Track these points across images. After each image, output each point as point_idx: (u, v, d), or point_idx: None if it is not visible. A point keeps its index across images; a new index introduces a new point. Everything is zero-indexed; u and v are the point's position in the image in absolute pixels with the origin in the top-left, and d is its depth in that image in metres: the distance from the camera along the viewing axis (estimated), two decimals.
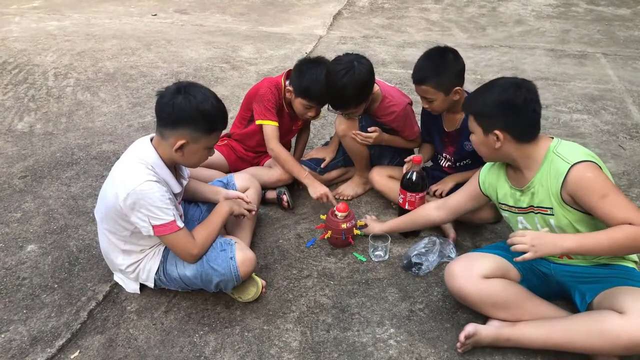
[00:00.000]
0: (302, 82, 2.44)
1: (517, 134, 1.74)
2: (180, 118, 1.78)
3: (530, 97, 1.72)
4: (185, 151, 1.84)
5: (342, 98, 2.33)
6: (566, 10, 6.03)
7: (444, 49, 2.29)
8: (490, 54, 4.73)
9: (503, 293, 1.81)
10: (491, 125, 1.75)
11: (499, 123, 1.74)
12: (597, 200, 1.60)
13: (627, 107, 3.72)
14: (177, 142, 1.80)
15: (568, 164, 1.65)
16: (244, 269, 1.93)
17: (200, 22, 5.65)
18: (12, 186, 2.81)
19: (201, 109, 1.78)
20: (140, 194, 1.76)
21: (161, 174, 1.85)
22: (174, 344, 1.88)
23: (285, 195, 2.59)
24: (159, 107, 1.82)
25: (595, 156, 1.72)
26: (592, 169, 1.65)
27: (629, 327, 1.53)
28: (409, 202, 2.33)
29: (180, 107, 1.77)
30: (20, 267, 2.24)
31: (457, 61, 2.25)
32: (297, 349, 1.86)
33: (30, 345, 1.87)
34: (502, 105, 1.72)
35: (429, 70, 2.23)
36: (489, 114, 1.76)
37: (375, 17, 5.84)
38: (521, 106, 1.71)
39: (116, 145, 3.22)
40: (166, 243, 1.90)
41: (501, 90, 1.75)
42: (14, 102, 3.78)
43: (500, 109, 1.73)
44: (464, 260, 1.91)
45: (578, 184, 1.64)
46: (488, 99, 1.76)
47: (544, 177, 1.73)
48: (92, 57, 4.62)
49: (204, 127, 1.81)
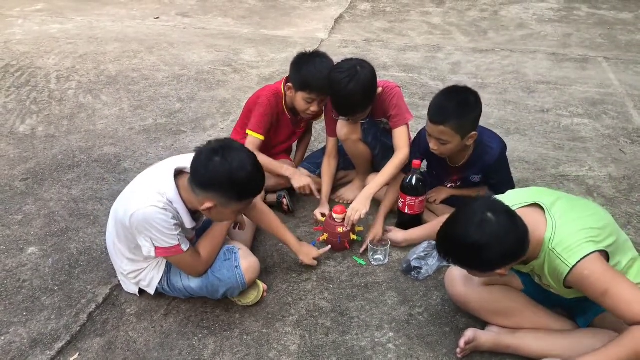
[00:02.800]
0: (301, 74, 2.43)
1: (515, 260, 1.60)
2: (212, 182, 1.70)
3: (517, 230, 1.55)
4: (212, 212, 1.78)
5: (350, 105, 2.32)
6: (568, 14, 6.03)
7: (465, 89, 2.17)
8: (491, 57, 4.73)
9: (504, 300, 1.81)
10: (491, 266, 1.58)
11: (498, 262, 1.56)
12: (599, 298, 1.53)
13: (628, 112, 3.71)
14: (205, 204, 1.74)
15: (567, 266, 1.54)
16: (249, 275, 1.94)
17: (202, 25, 5.67)
18: (14, 188, 2.82)
19: (235, 177, 1.68)
20: (143, 217, 1.74)
21: (176, 207, 1.81)
22: (173, 346, 1.88)
23: (285, 199, 2.60)
24: (194, 165, 1.74)
25: (593, 217, 1.63)
26: (590, 264, 1.53)
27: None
28: (408, 206, 2.33)
29: (214, 171, 1.69)
30: (21, 269, 2.25)
31: (477, 104, 2.13)
32: (295, 352, 1.86)
33: (30, 348, 1.87)
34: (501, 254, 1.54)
35: (451, 111, 2.07)
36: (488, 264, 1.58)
37: (377, 21, 5.85)
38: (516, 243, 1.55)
39: (117, 148, 3.23)
40: (171, 261, 1.91)
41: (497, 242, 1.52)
42: (16, 105, 3.79)
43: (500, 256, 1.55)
44: None
45: (578, 284, 1.56)
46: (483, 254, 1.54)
47: (544, 268, 1.64)
48: (95, 60, 4.64)
49: (235, 194, 1.74)
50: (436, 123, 2.09)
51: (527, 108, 3.78)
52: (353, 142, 2.52)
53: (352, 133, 2.49)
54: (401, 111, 2.43)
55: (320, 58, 2.45)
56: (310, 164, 2.77)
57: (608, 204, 2.64)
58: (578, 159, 3.10)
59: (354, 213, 2.27)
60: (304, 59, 2.46)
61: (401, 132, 2.44)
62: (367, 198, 2.32)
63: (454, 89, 2.18)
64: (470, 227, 1.49)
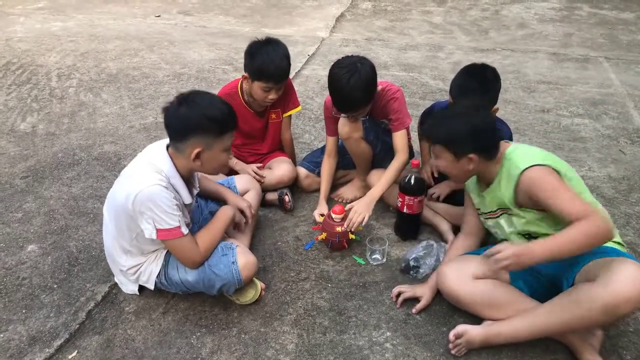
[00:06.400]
0: (255, 63, 2.41)
1: (487, 154, 1.85)
2: (189, 128, 1.78)
3: (489, 117, 1.89)
4: (202, 159, 1.84)
5: (350, 101, 2.32)
6: (569, 14, 6.02)
7: (485, 67, 2.28)
8: (492, 57, 4.73)
9: (494, 293, 1.84)
10: (463, 151, 1.83)
11: (469, 148, 1.82)
12: (547, 200, 1.71)
13: (628, 112, 3.71)
14: (193, 152, 1.80)
15: (519, 168, 1.76)
16: (246, 272, 1.94)
17: (203, 24, 5.67)
18: (14, 186, 2.83)
19: (208, 114, 1.78)
20: (147, 196, 1.76)
21: (174, 183, 1.85)
22: (171, 345, 1.89)
23: (287, 196, 2.61)
24: (167, 122, 1.82)
25: (550, 157, 1.82)
26: (541, 171, 1.74)
27: (598, 291, 1.56)
28: (407, 206, 2.33)
29: (186, 117, 1.77)
30: (20, 267, 2.26)
31: (497, 80, 2.27)
32: (293, 351, 1.86)
33: (29, 345, 1.88)
34: (472, 133, 1.81)
35: (473, 89, 2.18)
36: (459, 142, 1.83)
37: (378, 20, 5.85)
38: (488, 129, 1.84)
39: (118, 146, 3.23)
40: (169, 248, 1.91)
41: (465, 117, 1.84)
42: (17, 103, 3.80)
43: (471, 136, 1.81)
44: (455, 262, 1.96)
45: (528, 188, 1.76)
46: (454, 127, 1.83)
47: (502, 181, 1.86)
48: (95, 58, 4.65)
49: (214, 131, 1.81)
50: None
51: (527, 108, 3.78)
52: (355, 141, 2.52)
53: (354, 131, 2.49)
54: (402, 115, 2.45)
55: (273, 46, 2.43)
56: (309, 162, 2.77)
57: (607, 205, 2.64)
58: (578, 159, 3.10)
59: (356, 216, 2.25)
60: (256, 48, 2.43)
61: (401, 135, 2.46)
62: (371, 202, 2.32)
63: (473, 67, 2.30)
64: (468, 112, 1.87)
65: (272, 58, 2.38)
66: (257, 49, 2.42)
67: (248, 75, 2.46)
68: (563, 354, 1.83)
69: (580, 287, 1.66)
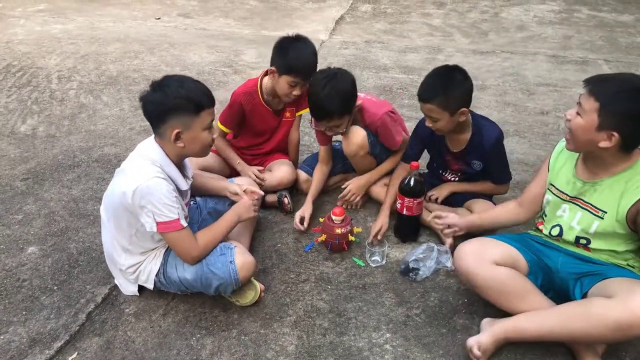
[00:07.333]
0: (286, 57, 2.41)
1: (628, 143, 1.67)
2: (164, 110, 1.82)
3: None
4: (184, 140, 1.86)
5: (323, 109, 2.33)
6: (568, 16, 6.03)
7: (453, 67, 2.23)
8: (491, 59, 4.74)
9: (510, 282, 1.82)
10: (611, 125, 1.63)
11: (617, 125, 1.62)
12: None
13: None
14: (172, 133, 1.83)
15: None
16: (243, 273, 1.95)
17: (203, 26, 5.68)
18: (14, 188, 2.84)
19: (180, 94, 1.81)
20: (147, 190, 1.78)
21: (168, 171, 1.88)
22: (171, 346, 1.89)
23: (287, 198, 2.61)
24: (144, 110, 1.87)
25: None
26: None
27: (614, 307, 1.55)
28: (406, 208, 2.34)
29: (160, 100, 1.82)
30: (21, 268, 2.26)
31: (465, 81, 2.20)
32: (293, 353, 1.87)
33: (29, 347, 1.88)
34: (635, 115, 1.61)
35: (436, 89, 2.17)
36: (619, 115, 1.62)
37: (378, 22, 5.86)
38: None
39: (118, 149, 3.24)
40: (168, 241, 1.91)
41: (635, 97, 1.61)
42: (18, 105, 3.81)
43: (635, 118, 1.62)
44: (476, 243, 1.92)
45: None
46: (626, 102, 1.62)
47: (620, 185, 1.71)
48: (96, 60, 4.65)
49: (190, 109, 1.83)
50: (423, 101, 2.21)
51: (526, 110, 3.78)
52: (361, 157, 2.55)
53: (361, 149, 2.50)
54: (391, 139, 2.53)
55: (304, 42, 2.45)
56: (309, 166, 2.78)
57: None
58: None
59: (353, 197, 2.59)
60: (287, 43, 2.44)
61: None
62: (366, 184, 2.59)
63: (441, 68, 2.26)
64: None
65: (303, 54, 2.40)
66: (288, 44, 2.44)
67: (276, 69, 2.45)
68: (564, 356, 1.84)
69: (595, 299, 1.63)
